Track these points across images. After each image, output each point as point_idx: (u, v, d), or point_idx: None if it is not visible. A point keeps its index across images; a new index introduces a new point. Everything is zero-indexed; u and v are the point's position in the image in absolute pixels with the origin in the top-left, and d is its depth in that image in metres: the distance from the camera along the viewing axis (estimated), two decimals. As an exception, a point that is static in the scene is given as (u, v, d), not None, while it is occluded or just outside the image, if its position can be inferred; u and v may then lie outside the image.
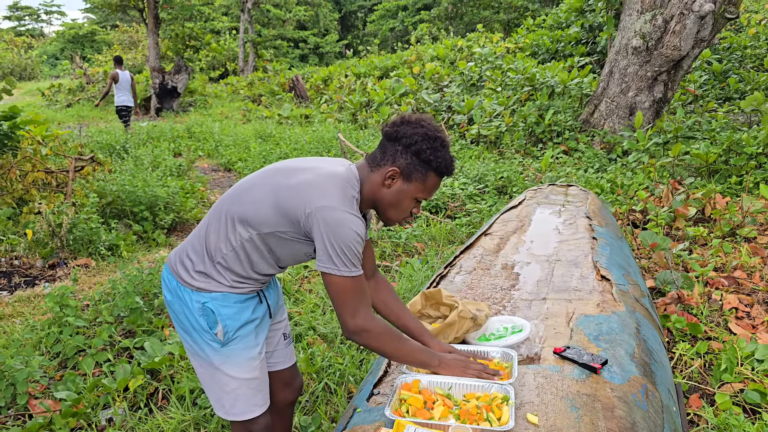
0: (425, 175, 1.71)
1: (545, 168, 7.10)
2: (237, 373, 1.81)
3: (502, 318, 2.17)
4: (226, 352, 1.79)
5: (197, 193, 7.07)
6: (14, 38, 37.18)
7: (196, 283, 1.77)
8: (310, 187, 1.65)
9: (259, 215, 1.69)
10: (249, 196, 1.73)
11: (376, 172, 1.73)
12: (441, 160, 1.69)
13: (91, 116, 15.53)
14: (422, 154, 1.68)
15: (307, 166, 1.74)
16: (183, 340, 1.85)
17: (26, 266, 5.05)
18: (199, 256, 1.78)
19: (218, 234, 1.76)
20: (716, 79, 10.56)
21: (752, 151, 5.98)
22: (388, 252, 5.17)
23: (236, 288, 1.78)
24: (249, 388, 1.83)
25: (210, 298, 1.76)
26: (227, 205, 1.77)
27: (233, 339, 1.78)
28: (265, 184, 1.73)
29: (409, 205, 1.75)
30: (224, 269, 1.76)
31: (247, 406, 1.84)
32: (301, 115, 14.09)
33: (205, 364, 1.82)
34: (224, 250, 1.74)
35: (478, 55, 13.48)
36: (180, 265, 1.81)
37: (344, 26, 40.96)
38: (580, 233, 3.29)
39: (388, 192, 1.73)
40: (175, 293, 1.80)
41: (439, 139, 1.70)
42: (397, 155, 1.70)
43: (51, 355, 3.49)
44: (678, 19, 7.29)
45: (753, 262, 4.17)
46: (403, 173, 1.70)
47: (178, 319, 1.82)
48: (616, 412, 1.65)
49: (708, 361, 3.13)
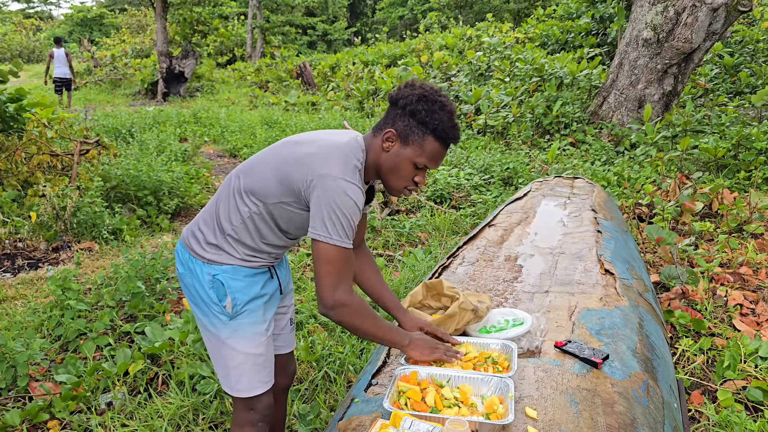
0: (422, 138, 1.66)
1: (552, 160, 7.05)
2: (243, 347, 1.80)
3: (504, 310, 2.15)
4: (234, 326, 1.79)
5: (202, 178, 7.05)
6: (23, 20, 37.19)
7: (207, 255, 1.78)
8: (312, 158, 1.64)
9: (264, 186, 1.70)
10: (256, 169, 1.75)
11: (377, 137, 1.72)
12: (438, 122, 1.64)
13: (97, 100, 15.52)
14: (417, 114, 1.64)
15: (313, 138, 1.73)
16: (194, 313, 1.86)
17: (30, 249, 5.06)
18: (210, 229, 1.80)
19: (228, 207, 1.77)
20: (727, 73, 10.46)
21: (762, 147, 5.92)
22: (392, 241, 5.15)
23: (247, 261, 1.79)
24: (254, 364, 1.83)
25: (221, 271, 1.76)
26: (236, 179, 1.78)
27: (241, 312, 1.78)
28: (272, 157, 1.74)
29: (408, 170, 1.70)
30: (235, 242, 1.77)
31: (251, 382, 1.83)
32: (307, 102, 14.06)
33: (214, 338, 1.82)
34: (234, 222, 1.76)
35: (487, 45, 13.39)
36: (192, 237, 1.83)
37: (353, 13, 40.71)
38: (585, 226, 3.26)
39: (386, 156, 1.70)
40: (186, 266, 1.82)
41: (438, 102, 1.65)
42: (396, 118, 1.68)
43: (52, 338, 3.50)
44: (690, 11, 7.20)
45: (759, 259, 4.13)
46: (401, 135, 1.67)
47: (189, 292, 1.83)
48: (616, 407, 1.63)
49: (711, 358, 3.10)
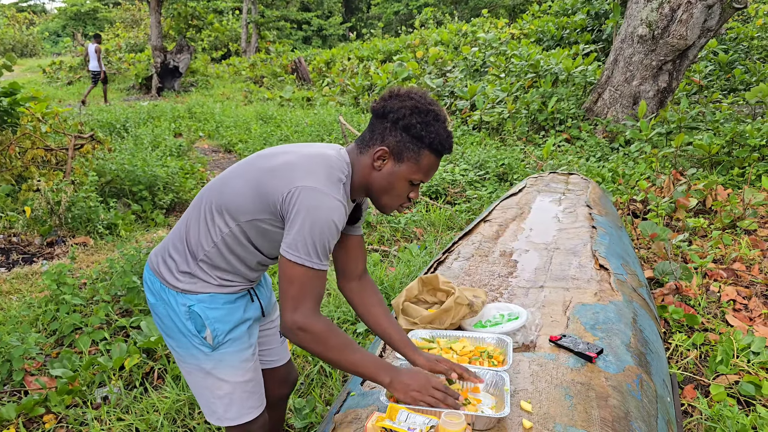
0: (418, 153, 1.51)
1: (547, 156, 7.07)
2: (230, 377, 1.68)
3: (499, 305, 2.16)
4: (218, 356, 1.65)
5: (197, 173, 7.05)
6: (16, 14, 36.86)
7: (181, 285, 1.63)
8: (292, 168, 1.49)
9: (237, 202, 1.54)
10: (229, 184, 1.59)
11: (365, 153, 1.55)
12: (434, 135, 1.49)
13: (92, 94, 15.44)
14: (412, 129, 1.48)
15: (292, 150, 1.57)
16: (169, 346, 1.72)
17: (24, 243, 5.05)
18: (181, 256, 1.64)
19: (198, 230, 1.61)
20: (722, 70, 10.49)
21: (755, 143, 5.95)
22: (387, 237, 5.16)
23: (225, 287, 1.65)
24: (244, 391, 1.71)
25: (196, 301, 1.62)
26: (206, 198, 1.62)
27: (224, 342, 1.65)
28: (245, 171, 1.58)
29: (403, 188, 1.55)
30: (209, 267, 1.62)
31: (242, 409, 1.71)
32: (302, 98, 14.03)
33: (194, 370, 1.68)
34: (206, 246, 1.60)
35: (483, 41, 13.39)
36: (163, 265, 1.67)
37: (348, 8, 40.61)
38: (580, 222, 3.27)
39: (378, 175, 1.54)
40: (159, 296, 1.66)
41: (431, 112, 1.50)
42: (386, 133, 1.51)
43: (47, 333, 3.49)
44: (685, 7, 7.22)
45: (752, 255, 4.16)
46: (393, 153, 1.51)
47: (163, 323, 1.68)
48: (609, 401, 1.65)
49: (704, 353, 3.13)
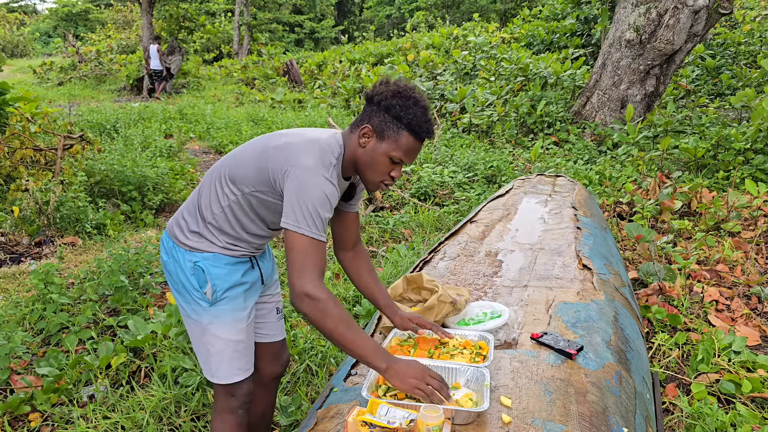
0: (397, 132, 1.69)
1: (535, 158, 7.12)
2: (223, 333, 1.84)
3: (482, 303, 2.19)
4: (214, 312, 1.83)
5: (187, 174, 7.04)
6: (6, 14, 36.65)
7: (189, 243, 1.83)
8: (291, 149, 1.69)
9: (243, 173, 1.75)
10: (239, 155, 1.80)
11: (354, 132, 1.76)
12: (412, 117, 1.67)
13: (82, 95, 15.38)
14: (392, 109, 1.68)
15: (297, 132, 1.78)
16: (177, 301, 1.91)
17: (12, 243, 5.03)
18: (192, 217, 1.85)
19: (210, 195, 1.82)
20: (709, 75, 10.60)
21: (740, 147, 6.02)
22: (375, 237, 5.18)
23: (228, 250, 1.83)
24: (234, 351, 1.87)
25: (202, 258, 1.81)
26: (219, 169, 1.83)
27: (221, 299, 1.83)
28: (256, 143, 1.80)
29: (384, 164, 1.72)
30: (216, 230, 1.82)
31: (230, 369, 1.88)
32: (294, 100, 14.04)
33: (195, 325, 1.86)
34: (215, 211, 1.81)
35: (473, 44, 13.44)
36: (176, 226, 1.88)
37: (341, 12, 40.67)
38: (565, 223, 3.31)
39: (363, 152, 1.73)
40: (170, 254, 1.86)
41: (411, 97, 1.69)
42: (372, 114, 1.72)
43: (34, 332, 3.49)
44: (672, 13, 7.30)
45: (735, 256, 4.21)
46: (376, 131, 1.71)
47: (172, 279, 1.87)
48: (588, 396, 1.68)
49: (686, 352, 3.17)
